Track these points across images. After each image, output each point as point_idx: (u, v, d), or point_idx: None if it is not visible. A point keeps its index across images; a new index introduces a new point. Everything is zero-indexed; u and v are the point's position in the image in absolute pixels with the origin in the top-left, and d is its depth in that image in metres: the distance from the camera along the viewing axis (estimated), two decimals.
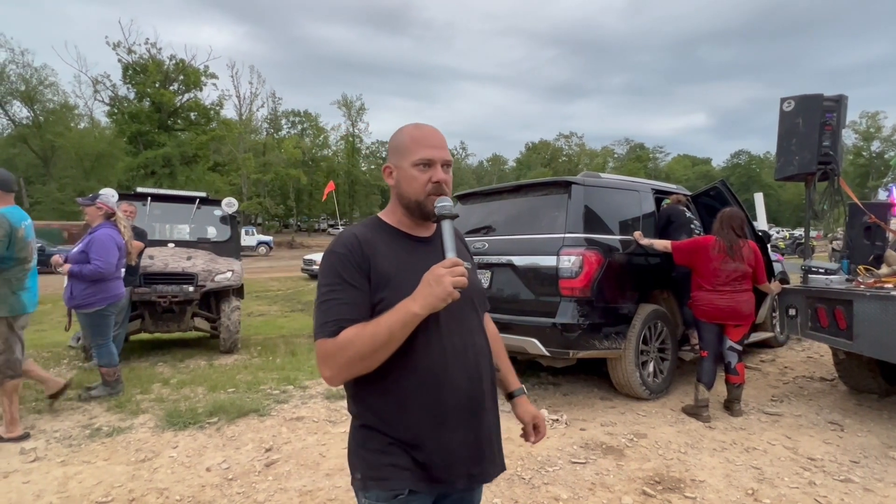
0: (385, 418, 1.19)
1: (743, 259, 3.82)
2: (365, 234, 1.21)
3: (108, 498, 2.64)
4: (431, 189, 1.21)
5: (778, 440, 3.48)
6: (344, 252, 1.17)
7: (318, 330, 1.13)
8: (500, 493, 2.75)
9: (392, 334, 1.07)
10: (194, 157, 36.18)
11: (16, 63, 35.02)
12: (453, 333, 1.22)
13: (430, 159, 1.21)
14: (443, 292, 1.04)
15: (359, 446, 1.22)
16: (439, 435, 1.19)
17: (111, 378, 4.25)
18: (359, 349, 1.08)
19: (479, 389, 1.25)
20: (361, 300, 1.14)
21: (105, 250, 4.08)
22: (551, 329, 3.81)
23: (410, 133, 1.25)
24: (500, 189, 4.89)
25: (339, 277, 1.15)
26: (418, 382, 1.17)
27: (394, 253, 1.20)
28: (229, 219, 6.86)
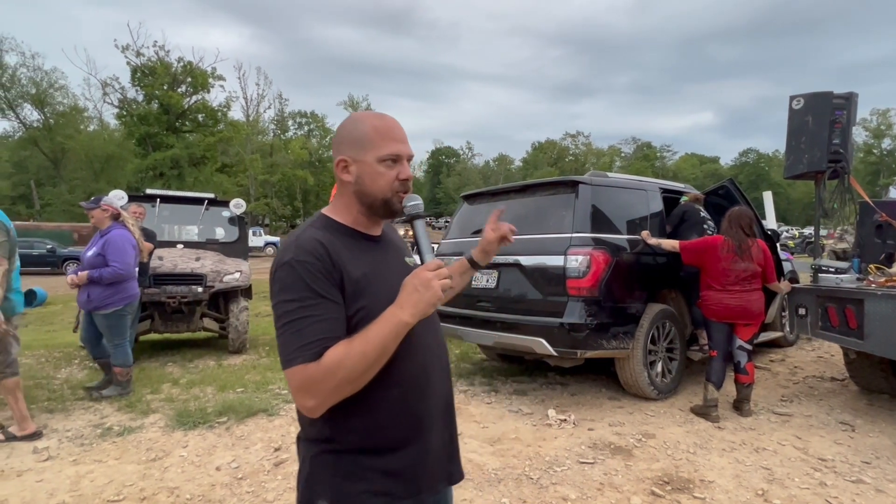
0: (366, 437, 1.08)
1: (752, 258, 3.79)
2: (327, 238, 1.07)
3: (120, 497, 2.67)
4: (399, 187, 1.12)
5: (788, 440, 3.46)
6: (311, 261, 1.01)
7: (295, 354, 0.97)
8: (507, 493, 2.75)
9: (384, 347, 0.97)
10: (202, 159, 36.38)
11: (27, 66, 35.37)
12: (427, 335, 1.15)
13: (398, 154, 1.11)
14: (433, 297, 0.97)
15: (326, 472, 1.08)
16: (422, 443, 1.12)
17: (123, 378, 4.29)
18: (350, 370, 0.96)
19: (449, 386, 1.23)
20: (340, 314, 1.02)
21: (122, 252, 4.12)
22: (559, 329, 3.80)
23: (374, 124, 1.12)
24: (507, 189, 4.89)
25: (309, 290, 1.00)
26: (401, 392, 1.09)
27: (357, 256, 1.09)
28: (237, 220, 6.91)
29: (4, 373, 3.38)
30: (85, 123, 41.29)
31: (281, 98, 53.95)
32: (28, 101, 35.98)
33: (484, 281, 4.43)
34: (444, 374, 1.21)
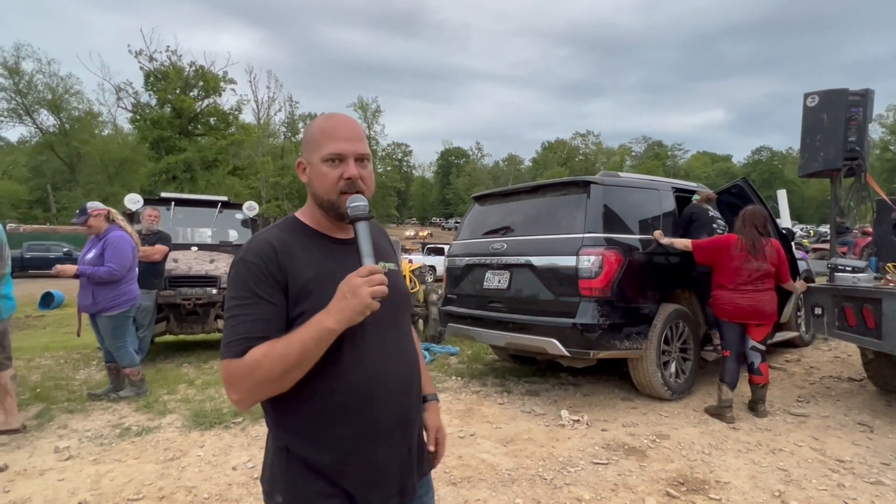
0: (309, 442, 1.07)
1: (766, 258, 3.76)
2: (281, 240, 1.08)
3: (140, 496, 2.71)
4: (343, 186, 1.08)
5: (805, 441, 3.42)
6: (256, 262, 1.03)
7: (225, 349, 1.00)
8: (521, 494, 2.76)
9: (305, 352, 0.96)
10: (214, 162, 36.75)
11: (43, 73, 36.01)
12: (384, 343, 1.12)
13: (338, 153, 1.08)
14: (359, 304, 0.94)
15: (279, 470, 1.09)
16: (369, 454, 1.09)
17: (136, 378, 4.32)
18: (268, 371, 0.96)
19: (409, 399, 1.17)
20: (273, 315, 1.01)
21: (121, 254, 4.11)
22: (571, 329, 3.80)
23: (320, 125, 1.12)
24: (518, 189, 4.89)
25: (248, 290, 1.01)
26: (346, 401, 1.06)
27: (314, 258, 1.08)
28: (250, 222, 6.98)
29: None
30: (99, 128, 41.91)
31: (291, 101, 54.55)
32: (44, 106, 36.60)
33: (496, 282, 4.44)
34: (403, 386, 1.15)
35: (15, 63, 34.47)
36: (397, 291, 1.16)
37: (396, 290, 1.14)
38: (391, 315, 1.14)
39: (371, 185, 1.13)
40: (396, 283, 1.17)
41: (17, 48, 34.64)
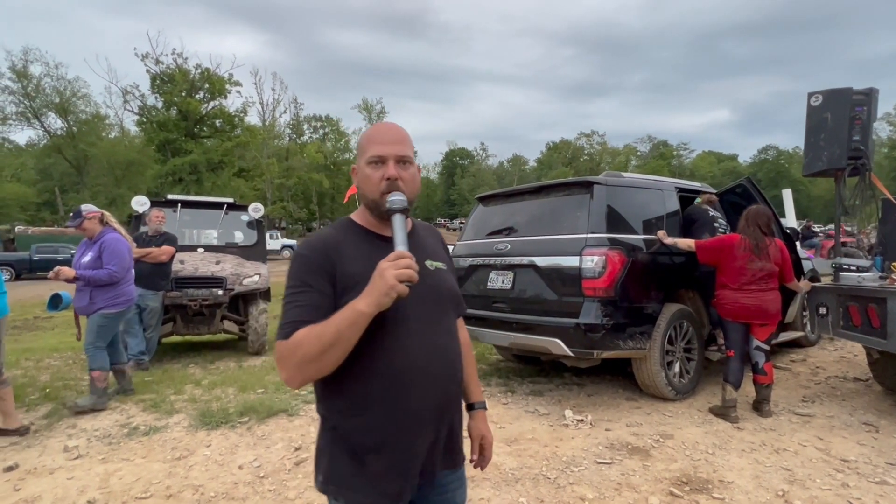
0: (350, 423, 1.16)
1: (769, 258, 3.76)
2: (333, 237, 1.20)
3: (148, 494, 2.75)
4: (384, 187, 1.17)
5: (809, 441, 3.42)
6: (308, 255, 1.16)
7: (278, 332, 1.11)
8: (525, 493, 2.77)
9: (339, 333, 1.03)
10: (220, 164, 36.97)
11: (51, 76, 36.24)
12: (425, 335, 1.18)
13: (380, 156, 1.18)
14: (384, 286, 1.00)
15: (323, 449, 1.20)
16: (404, 439, 1.16)
17: (101, 384, 4.12)
18: (307, 351, 1.04)
19: (448, 392, 1.23)
20: (321, 303, 1.11)
21: (119, 255, 4.11)
22: (575, 329, 3.81)
23: (367, 132, 1.25)
24: (522, 190, 4.90)
25: (300, 280, 1.14)
26: (386, 385, 1.14)
27: (362, 253, 1.17)
28: (256, 224, 7.02)
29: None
30: (106, 131, 42.16)
31: (296, 102, 54.76)
32: (52, 109, 36.86)
33: (500, 282, 4.45)
34: (439, 380, 1.20)
35: (23, 67, 34.74)
36: (446, 290, 1.27)
37: (445, 289, 1.26)
38: (436, 311, 1.23)
39: (412, 186, 1.21)
40: (445, 282, 1.28)
41: (26, 52, 34.90)
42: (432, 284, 1.23)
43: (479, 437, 1.43)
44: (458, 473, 1.33)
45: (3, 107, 35.31)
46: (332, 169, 52.27)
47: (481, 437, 1.43)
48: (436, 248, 1.34)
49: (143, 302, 5.25)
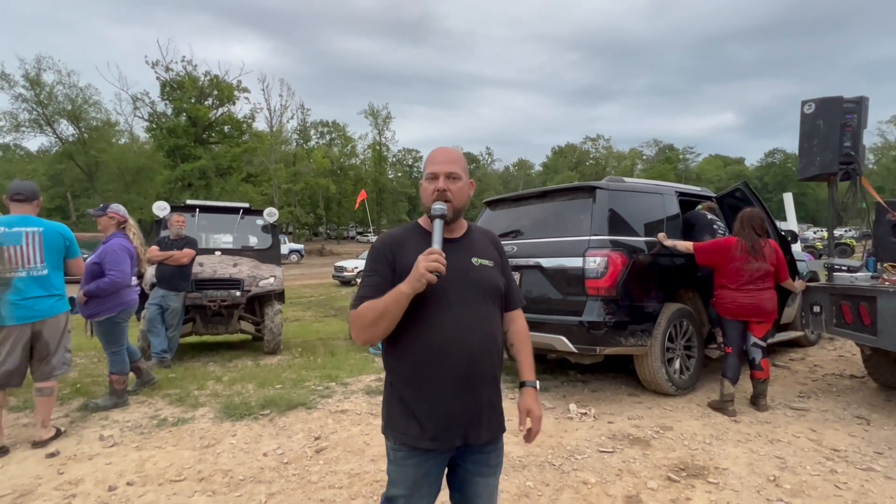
0: (401, 379, 1.52)
1: (765, 258, 3.94)
2: (399, 235, 1.57)
3: (181, 477, 2.97)
4: (435, 197, 1.50)
5: (802, 433, 3.59)
6: (378, 247, 1.54)
7: (351, 304, 1.53)
8: (531, 478, 2.96)
9: (387, 307, 1.39)
10: (228, 169, 37.46)
11: (63, 84, 36.88)
12: (463, 316, 1.48)
13: (434, 173, 1.52)
14: (417, 273, 1.34)
15: (385, 399, 1.59)
16: (439, 399, 1.46)
17: (119, 386, 4.21)
18: (366, 318, 1.42)
19: (478, 366, 1.49)
20: (382, 284, 1.46)
21: (119, 261, 4.08)
22: (578, 327, 4.00)
23: (429, 155, 1.59)
24: (528, 195, 5.11)
25: (370, 266, 1.53)
26: (426, 354, 1.46)
27: (420, 249, 1.43)
28: (270, 227, 7.27)
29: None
30: (117, 137, 42.81)
31: (303, 108, 55.22)
32: (64, 116, 37.49)
33: None
34: (475, 354, 1.48)
35: (36, 75, 35.39)
36: (487, 283, 1.57)
37: (486, 282, 1.57)
38: (474, 298, 1.53)
39: (460, 196, 1.54)
40: (487, 277, 1.58)
41: (39, 60, 35.55)
42: (475, 277, 1.55)
43: (525, 410, 1.66)
44: (498, 445, 1.62)
45: (17, 114, 36.02)
46: (338, 174, 52.73)
47: (528, 410, 1.66)
48: (487, 249, 1.64)
49: (166, 302, 5.50)
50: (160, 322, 5.48)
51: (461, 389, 1.47)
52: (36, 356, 3.48)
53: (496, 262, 1.63)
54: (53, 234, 3.52)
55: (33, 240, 3.43)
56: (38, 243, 3.44)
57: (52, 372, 3.51)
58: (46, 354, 3.49)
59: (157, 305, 5.49)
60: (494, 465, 1.61)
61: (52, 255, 3.50)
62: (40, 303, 3.43)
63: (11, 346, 3.33)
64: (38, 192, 3.64)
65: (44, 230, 3.48)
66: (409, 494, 1.52)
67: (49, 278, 3.48)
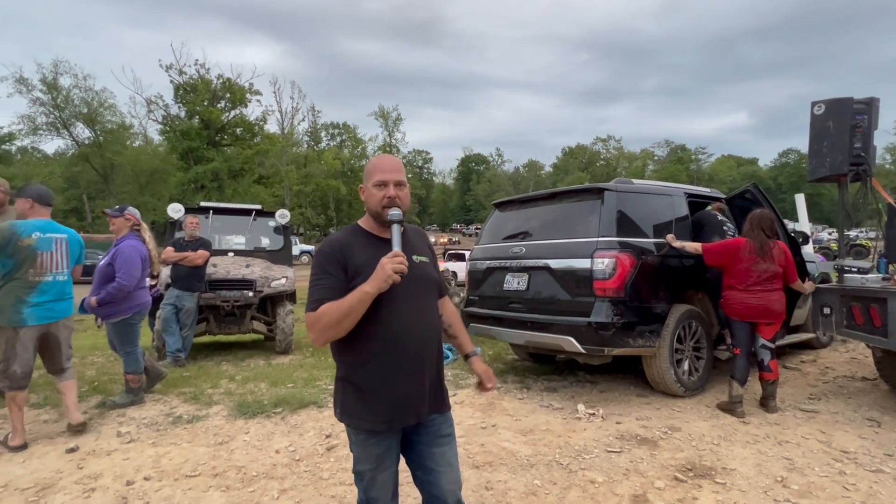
0: (356, 372, 1.63)
1: (773, 259, 3.94)
2: (346, 238, 1.67)
3: (196, 472, 3.04)
4: (385, 202, 1.63)
5: (812, 435, 3.58)
6: (328, 251, 1.63)
7: (307, 306, 1.58)
8: (539, 476, 3.00)
9: (351, 307, 1.50)
10: (240, 171, 37.86)
11: (79, 88, 37.48)
12: (411, 308, 1.64)
13: (383, 181, 1.64)
14: (384, 275, 1.47)
15: (338, 391, 1.70)
16: (394, 385, 1.61)
17: (135, 385, 4.29)
18: (329, 319, 1.51)
19: (427, 352, 1.67)
20: (337, 285, 1.57)
21: (129, 264, 4.10)
22: (587, 328, 4.03)
23: (373, 162, 1.71)
24: (536, 196, 5.14)
25: (322, 269, 1.60)
26: (381, 345, 1.59)
27: (365, 251, 1.62)
28: (282, 229, 7.36)
29: (3, 383, 3.40)
30: (131, 139, 43.39)
31: (314, 110, 55.90)
32: (80, 119, 38.08)
33: (515, 283, 4.69)
34: (423, 341, 1.66)
35: (53, 79, 36.01)
36: (427, 277, 1.74)
37: (426, 277, 1.74)
38: (420, 291, 1.69)
39: (406, 202, 1.68)
40: (427, 272, 1.75)
41: (56, 64, 36.18)
42: (417, 273, 1.67)
43: (481, 372, 1.89)
44: (446, 416, 1.78)
45: (35, 117, 36.67)
46: (349, 175, 53.05)
47: (482, 371, 1.89)
48: (421, 246, 1.80)
49: (180, 302, 5.60)
50: (175, 322, 5.59)
51: (414, 374, 1.64)
52: (49, 354, 3.65)
53: (430, 258, 1.82)
54: (74, 241, 3.71)
55: (61, 246, 3.60)
56: (65, 249, 3.62)
57: (63, 365, 3.71)
58: (59, 351, 3.66)
59: (172, 305, 5.60)
60: (446, 434, 1.77)
61: (71, 261, 3.71)
62: (58, 305, 3.59)
63: (30, 346, 3.48)
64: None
65: (68, 237, 3.66)
66: (374, 468, 1.69)
67: (68, 283, 3.67)
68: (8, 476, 2.99)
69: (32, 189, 3.63)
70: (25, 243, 3.40)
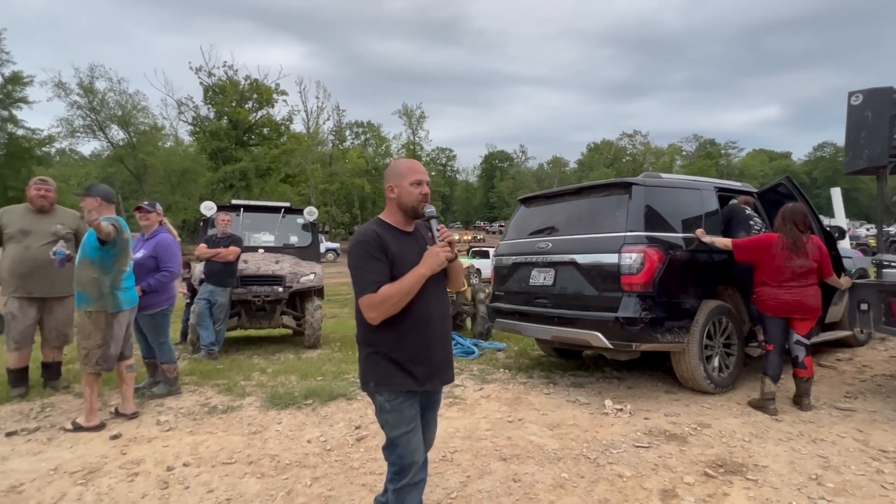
0: (391, 345, 1.89)
1: (807, 255, 3.84)
2: (379, 229, 1.91)
3: (232, 460, 3.15)
4: (421, 199, 1.94)
5: (848, 433, 3.50)
6: (370, 240, 1.86)
7: (364, 289, 1.82)
8: (567, 470, 3.01)
9: (412, 288, 1.82)
10: (267, 170, 38.53)
11: (114, 91, 38.80)
12: (435, 294, 1.95)
13: (419, 180, 1.94)
14: (437, 260, 1.85)
15: (372, 365, 1.92)
16: (427, 354, 1.92)
17: (171, 374, 4.46)
18: (393, 299, 1.80)
19: (446, 326, 2.06)
20: (386, 269, 1.84)
21: (173, 255, 4.38)
22: (614, 323, 4.01)
23: (405, 164, 1.99)
24: (563, 192, 5.12)
25: (369, 255, 1.84)
26: (414, 321, 1.88)
27: (395, 241, 1.90)
28: (310, 226, 7.50)
29: (101, 366, 3.67)
30: (163, 140, 44.66)
31: (339, 110, 56.25)
32: (115, 122, 39.38)
33: (542, 279, 4.69)
34: (444, 316, 2.04)
35: (90, 83, 37.33)
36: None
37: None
38: (439, 277, 1.98)
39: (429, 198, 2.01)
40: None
41: (92, 69, 37.50)
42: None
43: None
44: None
45: (72, 120, 38.05)
46: (373, 174, 53.45)
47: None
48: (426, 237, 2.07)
49: (213, 298, 5.77)
50: (208, 316, 5.76)
51: (438, 345, 1.97)
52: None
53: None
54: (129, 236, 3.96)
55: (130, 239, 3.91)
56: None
57: (131, 350, 4.01)
58: (128, 335, 3.94)
59: (206, 300, 5.77)
60: (438, 401, 2.17)
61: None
62: (134, 291, 3.96)
63: (121, 330, 3.79)
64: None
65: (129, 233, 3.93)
66: (409, 429, 1.93)
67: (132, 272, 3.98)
68: (58, 460, 3.15)
69: (99, 188, 3.88)
70: (126, 236, 3.77)
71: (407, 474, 1.94)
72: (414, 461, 1.95)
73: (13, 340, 4.30)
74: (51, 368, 4.66)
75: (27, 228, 4.35)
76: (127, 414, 3.88)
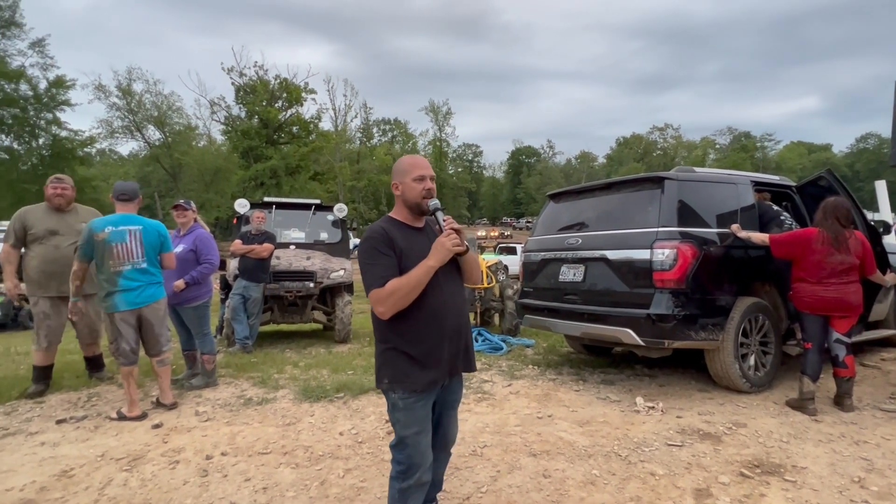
0: (406, 340, 1.88)
1: (849, 250, 3.71)
2: (387, 226, 1.93)
3: (268, 450, 3.24)
4: (424, 194, 1.94)
5: (893, 436, 3.37)
6: (378, 236, 1.88)
7: (372, 283, 1.83)
8: (597, 467, 2.99)
9: (420, 281, 1.80)
10: (297, 168, 39.23)
11: (150, 92, 40.09)
12: (447, 286, 1.94)
13: (422, 176, 1.94)
14: (445, 251, 1.82)
15: (387, 362, 1.92)
16: (441, 348, 1.91)
17: (210, 366, 4.61)
18: (402, 292, 1.79)
19: (462, 319, 2.02)
20: (394, 264, 1.84)
21: (211, 247, 4.58)
22: (645, 320, 3.95)
23: (408, 160, 2.01)
24: (593, 187, 5.06)
25: (377, 251, 1.85)
26: (428, 315, 1.87)
27: (403, 237, 1.91)
28: (340, 223, 7.61)
29: (118, 359, 3.84)
30: (196, 140, 45.87)
31: (366, 107, 56.67)
32: (151, 122, 40.68)
33: (571, 275, 4.66)
34: (458, 310, 1.99)
35: (128, 85, 38.64)
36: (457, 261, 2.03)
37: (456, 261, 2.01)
38: (451, 269, 1.97)
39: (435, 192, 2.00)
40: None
41: (130, 72, 38.82)
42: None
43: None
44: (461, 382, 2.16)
45: (112, 121, 39.48)
46: None
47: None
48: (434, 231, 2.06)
49: (247, 293, 5.92)
50: (243, 311, 5.92)
51: (452, 338, 1.94)
52: (145, 337, 3.97)
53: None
54: (152, 231, 3.95)
55: (135, 237, 3.86)
56: (139, 240, 3.88)
57: (161, 347, 4.02)
58: (154, 334, 3.96)
59: (240, 295, 5.92)
60: (457, 398, 2.16)
61: (149, 249, 3.92)
62: (145, 290, 3.88)
63: (127, 328, 3.83)
64: (138, 191, 4.07)
65: (143, 228, 3.91)
66: (419, 430, 1.94)
67: (149, 270, 3.92)
68: (104, 447, 3.30)
69: (114, 187, 3.99)
70: (100, 237, 3.72)
71: (414, 474, 1.96)
72: (422, 462, 1.96)
73: (45, 339, 4.38)
74: (92, 361, 4.87)
75: (54, 228, 4.43)
76: (166, 404, 4.03)
